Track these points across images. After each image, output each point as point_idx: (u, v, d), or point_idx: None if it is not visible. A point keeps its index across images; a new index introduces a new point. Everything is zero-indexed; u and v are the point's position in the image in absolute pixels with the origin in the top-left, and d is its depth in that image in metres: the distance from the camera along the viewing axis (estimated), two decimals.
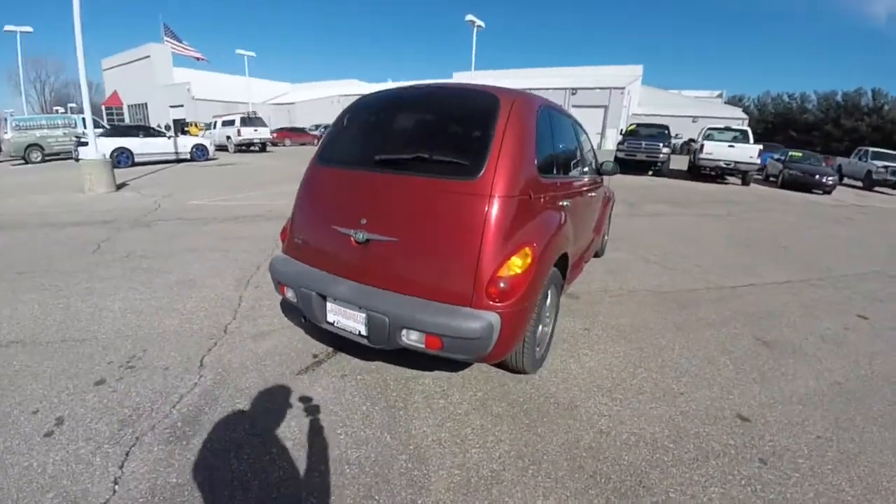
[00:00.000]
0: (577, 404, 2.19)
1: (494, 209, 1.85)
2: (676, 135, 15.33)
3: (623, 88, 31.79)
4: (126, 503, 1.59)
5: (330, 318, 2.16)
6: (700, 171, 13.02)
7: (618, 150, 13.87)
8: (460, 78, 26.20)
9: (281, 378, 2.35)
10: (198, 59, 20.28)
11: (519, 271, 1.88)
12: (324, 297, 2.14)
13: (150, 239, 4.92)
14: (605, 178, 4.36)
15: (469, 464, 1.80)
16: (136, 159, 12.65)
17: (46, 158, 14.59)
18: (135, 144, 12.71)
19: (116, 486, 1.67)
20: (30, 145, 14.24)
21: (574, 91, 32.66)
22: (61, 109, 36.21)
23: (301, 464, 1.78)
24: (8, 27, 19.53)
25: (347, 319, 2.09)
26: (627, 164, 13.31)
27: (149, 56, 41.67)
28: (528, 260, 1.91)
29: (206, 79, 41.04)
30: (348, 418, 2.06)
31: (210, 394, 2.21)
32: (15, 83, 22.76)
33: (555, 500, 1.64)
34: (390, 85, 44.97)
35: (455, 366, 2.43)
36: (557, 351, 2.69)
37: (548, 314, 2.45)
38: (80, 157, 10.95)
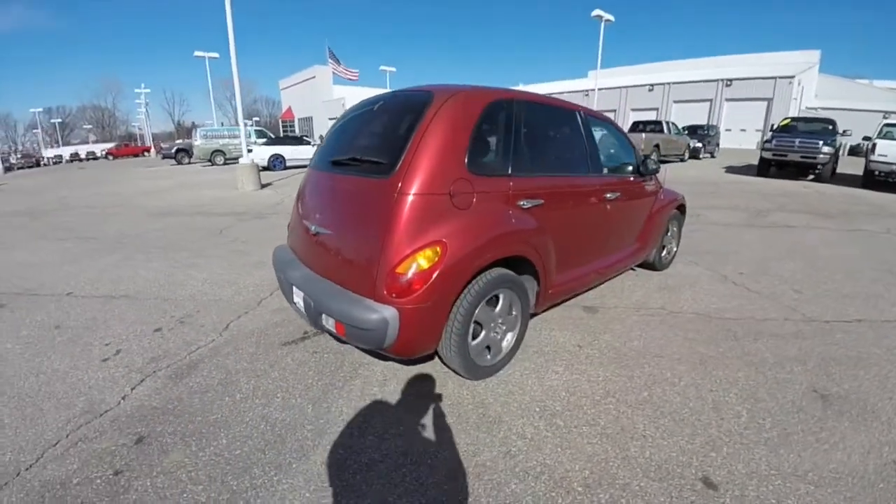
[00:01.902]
0: (503, 420, 1.97)
1: (401, 206, 1.81)
2: (844, 131, 11.45)
3: (792, 77, 25.57)
4: (120, 411, 2.09)
5: (295, 298, 2.40)
6: (873, 177, 9.50)
7: (763, 148, 11.19)
8: (595, 77, 24.29)
9: (269, 346, 2.69)
10: (351, 78, 23.51)
11: (423, 268, 1.80)
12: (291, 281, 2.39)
13: (257, 228, 6.03)
14: (656, 180, 3.70)
15: (357, 448, 1.81)
16: (288, 164, 15.46)
17: (227, 161, 18.59)
18: (287, 151, 15.53)
19: (122, 401, 2.19)
20: (214, 151, 18.40)
21: (728, 82, 27.48)
22: (249, 122, 45.61)
23: (234, 412, 2.05)
24: (197, 52, 23.58)
25: (300, 301, 2.29)
26: (780, 167, 10.69)
27: (314, 77, 49.21)
28: (436, 258, 1.81)
29: (357, 93, 47.01)
30: (291, 387, 2.26)
31: (217, 350, 2.67)
32: (210, 100, 28.11)
33: (399, 501, 1.54)
34: (521, 89, 44.48)
35: (413, 361, 2.42)
36: (528, 363, 2.43)
37: (501, 321, 2.24)
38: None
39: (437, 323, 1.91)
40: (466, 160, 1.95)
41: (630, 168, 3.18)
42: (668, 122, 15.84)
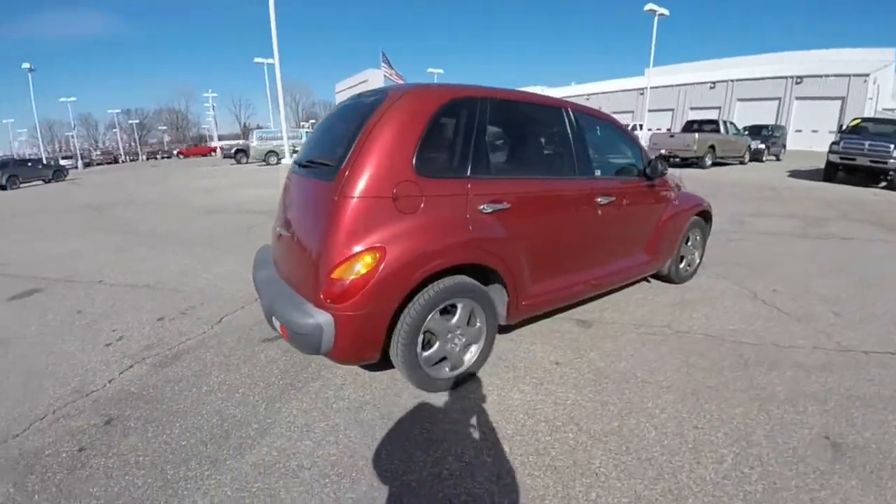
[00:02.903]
0: (446, 439, 1.82)
1: (340, 209, 1.73)
2: None
3: (867, 75, 22.66)
4: (103, 393, 2.22)
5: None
6: None
7: (830, 151, 9.81)
8: (651, 75, 22.77)
9: (249, 342, 2.73)
10: (399, 82, 24.00)
11: (360, 274, 1.71)
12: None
13: None
14: (673, 183, 3.32)
15: (291, 451, 1.76)
16: None
17: (280, 161, 19.44)
18: None
19: (108, 384, 2.32)
20: (269, 151, 19.31)
21: (798, 80, 24.70)
22: (305, 124, 47.35)
23: (195, 403, 2.09)
24: (257, 59, 24.69)
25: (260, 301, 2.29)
26: (848, 172, 9.35)
27: (367, 80, 50.32)
28: (374, 264, 1.71)
29: None
30: (255, 384, 2.26)
31: (203, 342, 2.76)
32: (268, 103, 29.30)
33: None
34: (573, 89, 43.01)
35: (380, 366, 2.33)
36: (495, 379, 2.25)
37: (461, 332, 2.08)
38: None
39: (375, 331, 1.80)
40: (414, 161, 1.82)
41: (633, 170, 2.86)
42: (725, 122, 14.44)
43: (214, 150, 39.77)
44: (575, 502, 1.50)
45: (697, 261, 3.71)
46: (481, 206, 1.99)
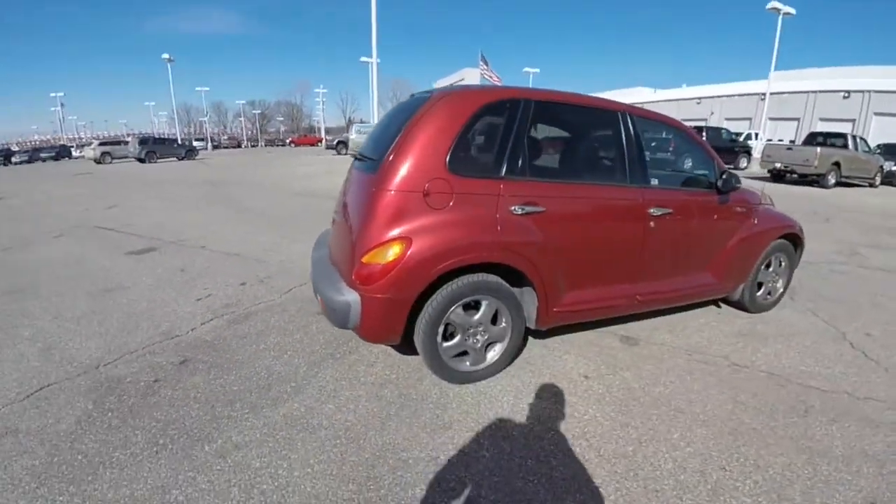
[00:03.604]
0: (451, 427, 1.88)
1: (376, 201, 1.87)
2: None
3: None
4: (185, 338, 2.67)
5: None
6: None
7: None
8: (774, 79, 19.75)
9: (306, 313, 3.05)
10: (495, 82, 24.04)
11: (387, 261, 1.84)
12: None
13: None
14: (756, 199, 2.95)
15: (315, 411, 1.96)
16: None
17: None
18: None
19: (190, 332, 2.79)
20: None
21: None
22: None
23: (251, 357, 2.42)
24: (363, 58, 26.31)
25: None
26: None
27: (464, 79, 51.05)
28: (400, 253, 1.82)
29: None
30: (302, 349, 2.54)
31: (271, 307, 3.15)
32: (370, 98, 30.95)
33: (319, 467, 1.61)
34: (682, 91, 38.99)
35: (411, 350, 2.45)
36: (516, 381, 2.24)
37: (483, 329, 2.11)
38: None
39: (396, 315, 1.92)
40: (448, 159, 1.89)
41: (702, 182, 2.60)
42: (855, 137, 12.10)
43: (321, 140, 43.67)
44: None
45: (780, 290, 3.24)
46: (513, 208, 1.99)
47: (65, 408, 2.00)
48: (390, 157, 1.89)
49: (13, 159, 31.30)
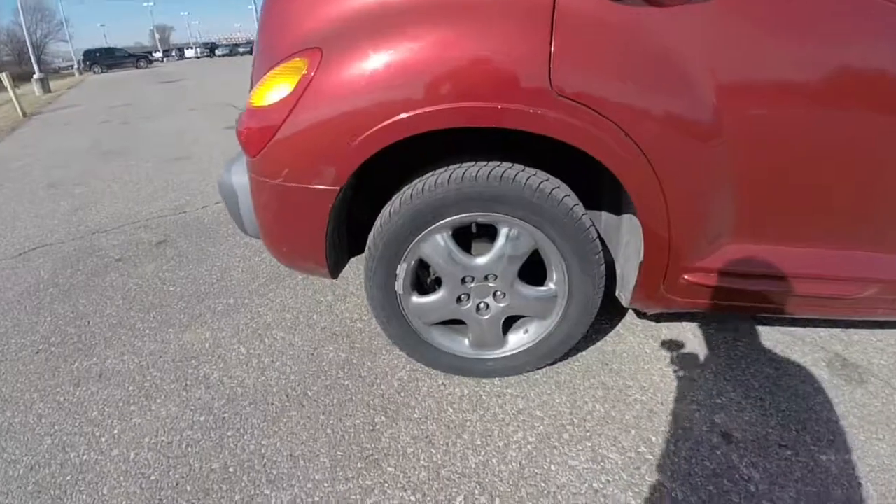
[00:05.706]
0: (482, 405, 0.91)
1: None
2: None
3: None
4: (188, 216, 2.29)
5: None
6: None
7: None
8: None
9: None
10: None
11: (270, 103, 0.80)
12: None
13: None
14: None
15: (193, 353, 1.25)
16: None
17: None
18: None
19: (202, 208, 2.40)
20: None
21: None
22: None
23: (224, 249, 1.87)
24: None
25: None
26: None
27: None
28: (297, 84, 0.74)
29: None
30: (266, 260, 1.81)
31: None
32: None
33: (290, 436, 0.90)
34: None
35: None
36: (565, 394, 1.08)
37: (497, 283, 0.94)
38: None
39: (303, 223, 0.94)
40: None
41: None
42: None
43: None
44: None
45: None
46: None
47: (31, 271, 1.83)
48: None
49: (216, 52, 35.66)
